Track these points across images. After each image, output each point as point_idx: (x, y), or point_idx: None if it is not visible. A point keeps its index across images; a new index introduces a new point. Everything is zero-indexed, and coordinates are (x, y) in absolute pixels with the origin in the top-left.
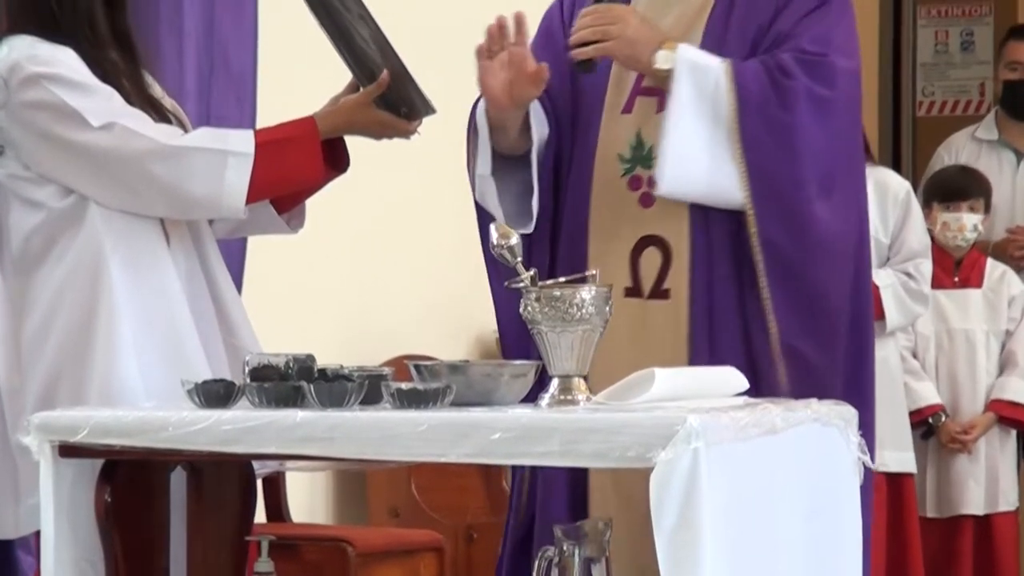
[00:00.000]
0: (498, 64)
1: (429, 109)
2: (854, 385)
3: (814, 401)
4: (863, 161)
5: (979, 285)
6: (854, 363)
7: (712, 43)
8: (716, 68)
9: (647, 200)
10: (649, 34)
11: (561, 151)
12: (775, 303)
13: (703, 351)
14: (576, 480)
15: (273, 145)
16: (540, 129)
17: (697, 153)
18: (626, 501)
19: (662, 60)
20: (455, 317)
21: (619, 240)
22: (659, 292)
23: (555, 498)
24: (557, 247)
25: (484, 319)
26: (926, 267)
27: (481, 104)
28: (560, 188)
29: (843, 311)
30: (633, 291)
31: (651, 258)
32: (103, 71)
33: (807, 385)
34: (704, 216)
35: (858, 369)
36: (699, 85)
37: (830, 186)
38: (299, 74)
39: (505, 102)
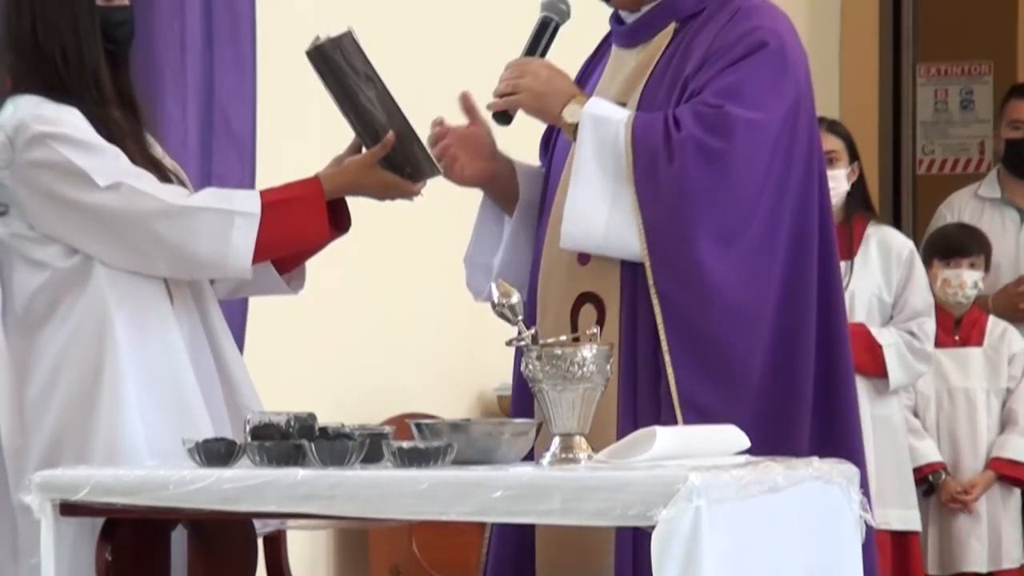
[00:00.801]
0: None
1: (434, 170)
2: (831, 440)
3: (815, 459)
4: (784, 210)
5: (979, 343)
6: (827, 417)
7: (648, 102)
8: (617, 121)
9: (583, 258)
10: (560, 88)
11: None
12: (673, 354)
13: (628, 403)
14: (524, 536)
15: (279, 205)
16: (529, 192)
17: (598, 205)
18: (573, 555)
19: (569, 114)
20: (456, 376)
21: (560, 296)
22: None
23: (505, 555)
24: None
25: (485, 378)
26: (929, 326)
27: None
28: None
29: (751, 362)
30: None
31: (588, 314)
32: (108, 131)
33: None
34: (633, 273)
35: (835, 422)
36: (601, 138)
37: (730, 239)
38: (299, 134)
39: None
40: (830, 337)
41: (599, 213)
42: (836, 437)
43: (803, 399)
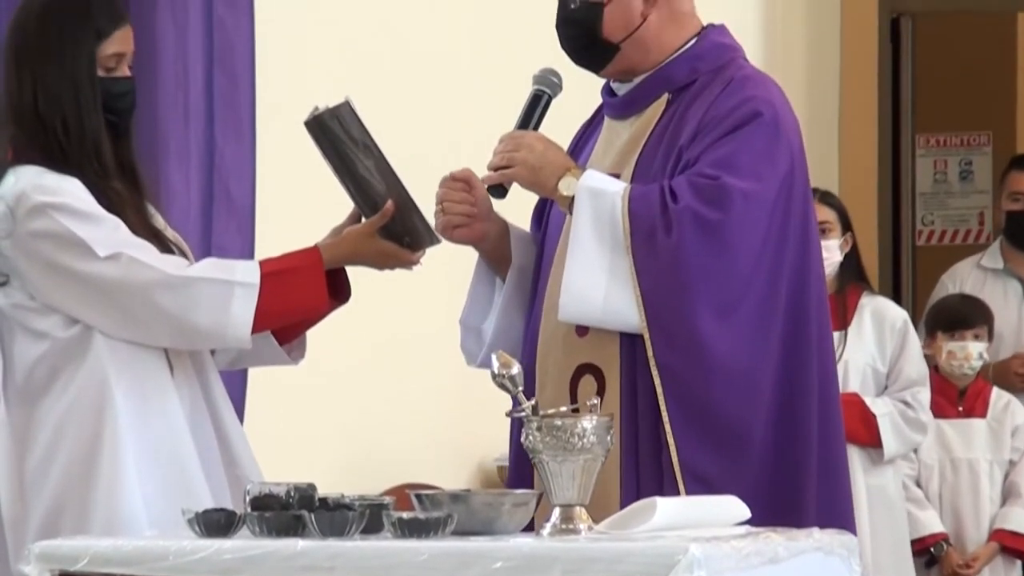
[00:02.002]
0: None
1: (433, 239)
2: (830, 508)
3: (816, 530)
4: (781, 278)
5: (983, 415)
6: (826, 485)
7: (642, 173)
8: (613, 193)
9: (582, 330)
10: (554, 161)
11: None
12: (674, 424)
13: (630, 474)
14: None
15: (278, 276)
16: (522, 257)
17: (595, 278)
18: None
19: (564, 187)
20: (456, 446)
21: (559, 368)
22: None
23: None
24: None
25: (485, 448)
26: (924, 395)
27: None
28: None
29: (752, 430)
30: None
31: (587, 385)
32: (108, 201)
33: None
34: (632, 344)
35: (833, 491)
36: (597, 211)
37: (729, 310)
38: (298, 203)
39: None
40: (825, 406)
41: (597, 286)
42: (834, 506)
43: (807, 467)
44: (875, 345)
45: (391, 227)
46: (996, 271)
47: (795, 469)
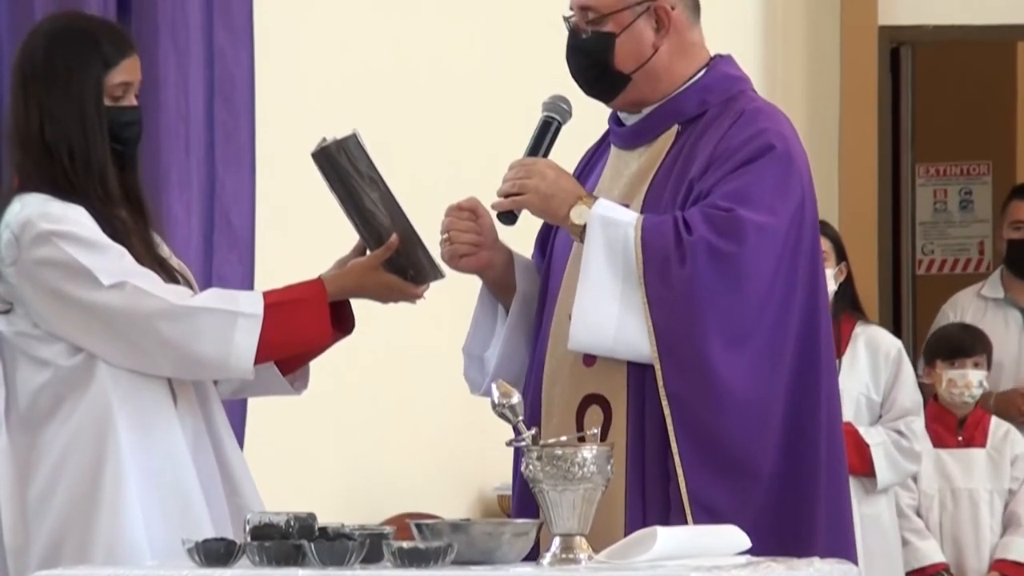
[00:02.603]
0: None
1: (437, 273)
2: (835, 538)
3: (816, 559)
4: (791, 310)
5: (983, 444)
6: (832, 514)
7: (653, 203)
8: (626, 223)
9: (589, 360)
10: (566, 189)
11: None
12: (682, 454)
13: (636, 504)
14: None
15: (282, 307)
16: (526, 285)
17: (607, 307)
18: None
19: (576, 215)
20: (457, 475)
21: (565, 397)
22: None
23: None
24: (525, 397)
25: (485, 477)
26: (918, 425)
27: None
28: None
29: (761, 461)
30: None
31: (594, 415)
32: (113, 230)
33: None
34: (640, 374)
35: (838, 520)
36: (610, 240)
37: (741, 341)
38: (298, 234)
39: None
40: (832, 436)
41: (609, 315)
42: (838, 536)
43: (815, 497)
44: (869, 374)
45: (395, 260)
46: (997, 300)
47: (803, 499)
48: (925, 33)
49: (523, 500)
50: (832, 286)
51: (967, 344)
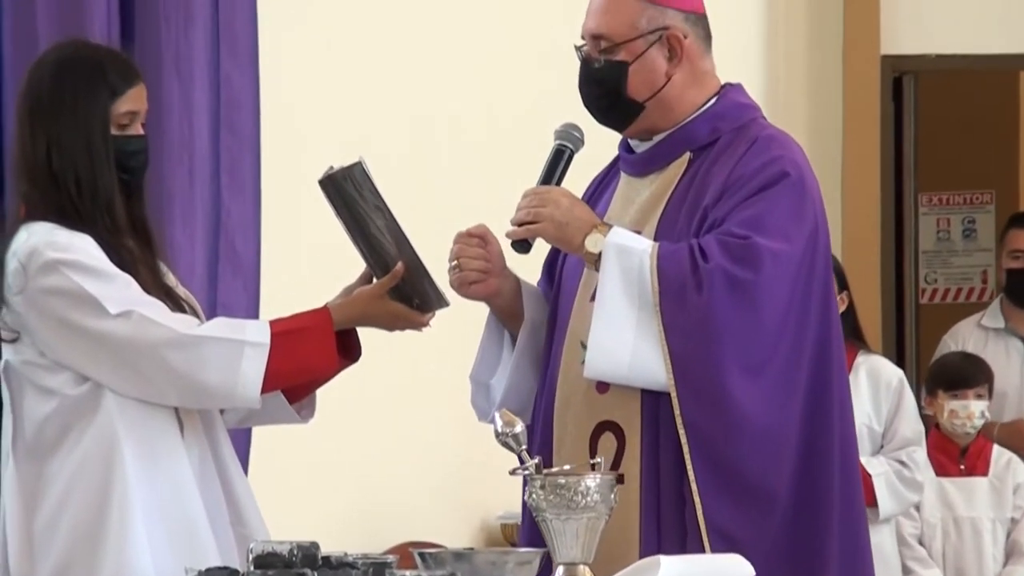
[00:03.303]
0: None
1: (442, 302)
2: (853, 564)
3: None
4: (806, 337)
5: (985, 473)
6: (848, 541)
7: (666, 231)
8: (641, 251)
9: (602, 387)
10: (581, 217)
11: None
12: (699, 482)
13: (651, 532)
14: None
15: (288, 335)
16: (534, 313)
17: (623, 335)
18: None
19: (591, 243)
20: (460, 503)
21: (579, 424)
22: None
23: None
24: (535, 426)
25: (489, 506)
26: (919, 455)
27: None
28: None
29: (778, 487)
30: None
31: (607, 442)
32: (120, 258)
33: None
34: (655, 401)
35: (856, 547)
36: (625, 268)
37: (757, 368)
38: (303, 262)
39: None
40: (846, 462)
41: (624, 343)
42: (855, 564)
43: (829, 524)
44: (871, 404)
45: (401, 288)
46: (998, 330)
47: (818, 526)
48: (927, 62)
49: (532, 529)
50: None
51: (968, 374)
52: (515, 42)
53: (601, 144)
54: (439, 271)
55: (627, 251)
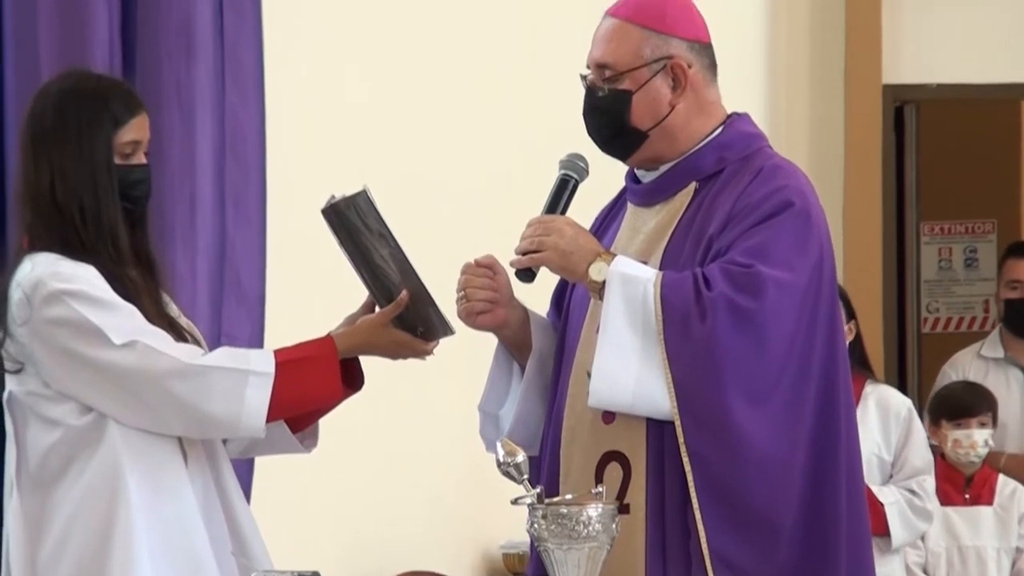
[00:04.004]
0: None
1: (447, 330)
2: None
3: None
4: (812, 366)
5: (990, 502)
6: (854, 572)
7: (671, 260)
8: (645, 280)
9: (608, 417)
10: (585, 246)
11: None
12: (704, 511)
13: (657, 561)
14: None
15: (293, 364)
16: (542, 343)
17: (627, 364)
18: None
19: (595, 272)
20: (462, 532)
21: (585, 455)
22: (620, 508)
23: None
24: (543, 456)
25: (491, 534)
26: (929, 484)
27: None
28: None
29: (783, 517)
30: None
31: (613, 473)
32: (124, 289)
33: None
34: (660, 431)
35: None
36: (629, 297)
37: (761, 397)
38: (308, 292)
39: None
40: (853, 492)
41: (628, 372)
42: None
43: (836, 554)
44: (880, 434)
45: (405, 317)
46: (997, 360)
47: (825, 556)
48: (929, 92)
49: (540, 558)
50: None
51: (970, 403)
52: (523, 71)
53: (616, 176)
54: (447, 300)
55: (631, 280)
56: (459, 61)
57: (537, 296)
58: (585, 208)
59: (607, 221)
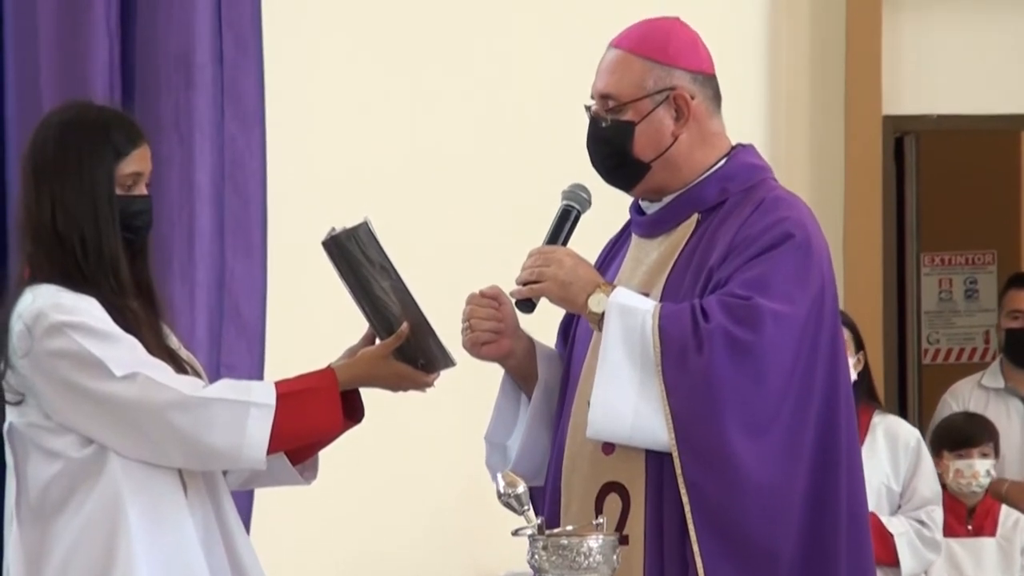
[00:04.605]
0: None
1: (448, 361)
2: None
3: None
4: (811, 399)
5: (992, 533)
6: None
7: (672, 292)
8: (644, 311)
9: (608, 448)
10: (584, 277)
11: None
12: (701, 542)
13: None
14: None
15: (294, 396)
16: (548, 374)
17: (625, 396)
18: None
19: (594, 303)
20: (464, 563)
21: (585, 486)
22: (619, 539)
23: None
24: (546, 486)
25: (491, 566)
26: (938, 514)
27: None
28: None
29: (782, 549)
30: None
31: (613, 504)
32: (125, 320)
33: None
34: (659, 463)
35: None
36: (627, 328)
37: (760, 429)
38: (308, 324)
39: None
40: (855, 523)
41: (626, 403)
42: None
43: None
44: (889, 464)
45: (406, 349)
46: (998, 390)
47: None
48: (929, 123)
49: None
50: (852, 375)
51: (972, 434)
52: (524, 101)
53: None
54: (450, 331)
55: (630, 311)
56: (461, 93)
57: (544, 327)
58: (587, 239)
59: (613, 253)
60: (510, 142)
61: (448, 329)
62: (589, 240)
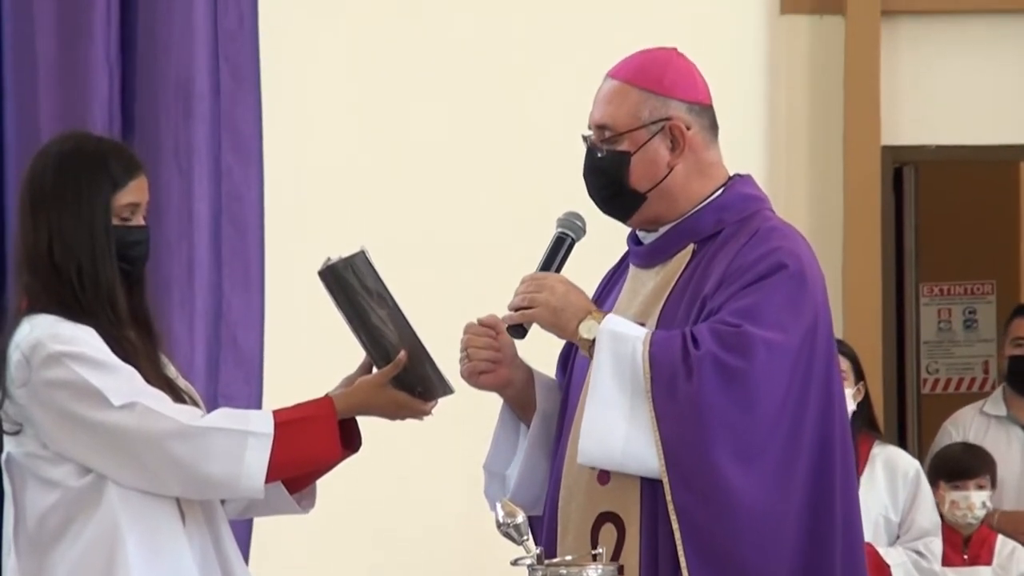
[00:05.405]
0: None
1: (447, 389)
2: None
3: None
4: (805, 428)
5: (989, 562)
6: None
7: (667, 322)
8: (635, 338)
9: (604, 477)
10: (576, 304)
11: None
12: (691, 570)
13: None
14: None
15: (292, 425)
16: (547, 404)
17: (615, 422)
18: None
19: (585, 330)
20: None
21: (581, 515)
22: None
23: None
24: (544, 516)
25: None
26: (936, 546)
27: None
28: None
29: None
30: None
31: (608, 534)
32: (123, 350)
33: None
34: (653, 492)
35: None
36: (618, 355)
37: (750, 455)
38: (306, 354)
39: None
40: (849, 551)
41: (616, 429)
42: None
43: None
44: (887, 495)
45: (403, 377)
46: (999, 418)
47: None
48: (928, 153)
49: None
50: (851, 406)
51: (969, 465)
52: (523, 128)
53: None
54: (448, 359)
55: (620, 337)
56: (458, 122)
57: (541, 354)
58: (581, 267)
59: (611, 283)
60: (508, 171)
61: (448, 357)
62: (585, 268)
